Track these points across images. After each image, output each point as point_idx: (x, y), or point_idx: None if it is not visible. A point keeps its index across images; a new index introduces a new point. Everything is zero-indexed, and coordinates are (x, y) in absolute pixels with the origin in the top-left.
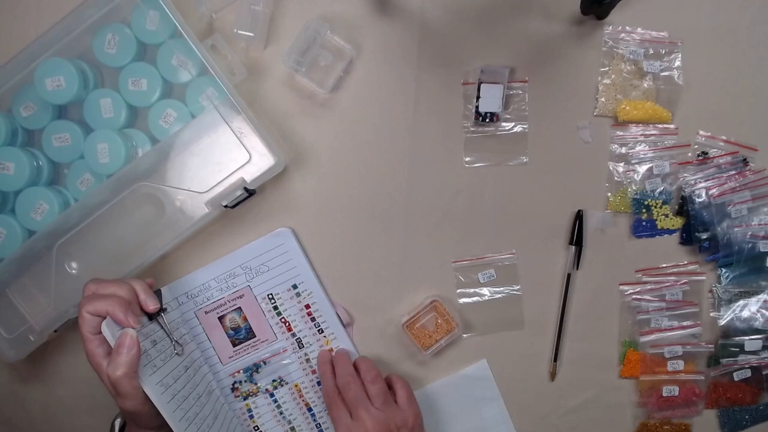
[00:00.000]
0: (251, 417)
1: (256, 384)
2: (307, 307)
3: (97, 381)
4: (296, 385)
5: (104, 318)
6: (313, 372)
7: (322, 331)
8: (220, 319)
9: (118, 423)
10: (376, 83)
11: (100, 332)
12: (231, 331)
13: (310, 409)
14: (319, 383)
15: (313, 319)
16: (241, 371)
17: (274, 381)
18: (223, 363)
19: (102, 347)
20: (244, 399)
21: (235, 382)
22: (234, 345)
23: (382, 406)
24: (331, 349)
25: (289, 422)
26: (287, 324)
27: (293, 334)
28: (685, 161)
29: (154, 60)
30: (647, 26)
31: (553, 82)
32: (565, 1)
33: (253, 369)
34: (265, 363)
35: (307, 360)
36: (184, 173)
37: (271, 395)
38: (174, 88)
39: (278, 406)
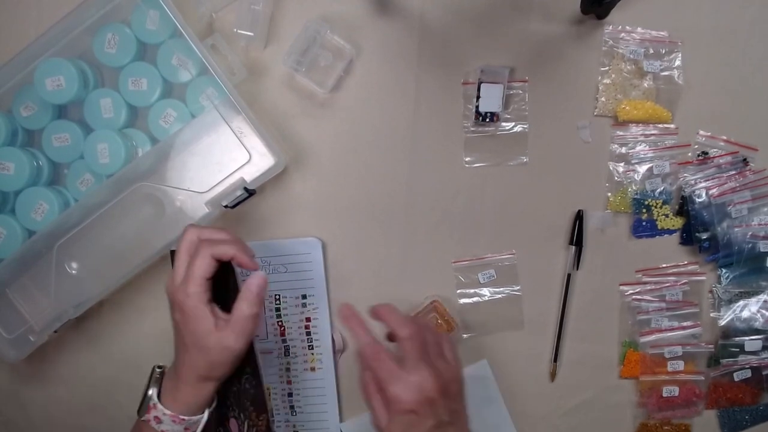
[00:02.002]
0: None
1: None
2: (308, 320)
3: (96, 381)
4: (267, 388)
5: (221, 262)
6: (289, 382)
7: (312, 348)
8: None
9: (158, 371)
10: (376, 83)
11: (211, 277)
12: None
13: None
14: (290, 395)
15: (308, 334)
16: None
17: None
18: None
19: (207, 293)
20: None
21: None
22: None
23: (439, 358)
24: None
25: None
26: (282, 328)
27: (284, 340)
28: (686, 161)
29: (154, 60)
30: (647, 26)
31: (553, 82)
32: (565, 1)
33: None
34: None
35: (287, 369)
36: (184, 173)
37: None
38: (174, 87)
39: None
